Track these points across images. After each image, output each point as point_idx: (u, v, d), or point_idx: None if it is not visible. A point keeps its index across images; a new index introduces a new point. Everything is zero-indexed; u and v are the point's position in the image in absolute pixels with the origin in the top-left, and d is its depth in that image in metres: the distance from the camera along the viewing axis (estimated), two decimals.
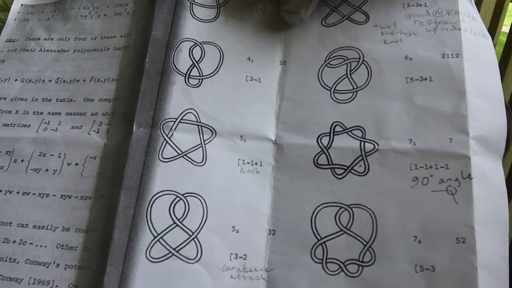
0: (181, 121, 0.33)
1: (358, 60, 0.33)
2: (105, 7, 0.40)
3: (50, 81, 0.38)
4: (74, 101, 0.37)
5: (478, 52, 0.32)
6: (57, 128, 0.36)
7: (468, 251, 0.28)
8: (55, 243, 0.32)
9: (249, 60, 0.36)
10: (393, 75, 0.32)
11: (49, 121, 0.36)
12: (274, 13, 0.37)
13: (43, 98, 0.37)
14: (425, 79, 0.31)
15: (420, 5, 0.34)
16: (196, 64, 0.35)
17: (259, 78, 0.35)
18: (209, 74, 0.35)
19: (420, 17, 0.34)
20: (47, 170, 0.35)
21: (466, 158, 0.29)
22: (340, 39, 0.35)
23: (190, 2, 0.37)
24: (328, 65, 0.34)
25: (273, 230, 0.32)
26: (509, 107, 0.57)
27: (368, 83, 0.32)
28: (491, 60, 0.32)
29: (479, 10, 2.03)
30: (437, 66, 0.31)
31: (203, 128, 0.33)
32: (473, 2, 0.35)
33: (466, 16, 0.34)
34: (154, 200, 0.31)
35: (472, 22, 0.34)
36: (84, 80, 0.38)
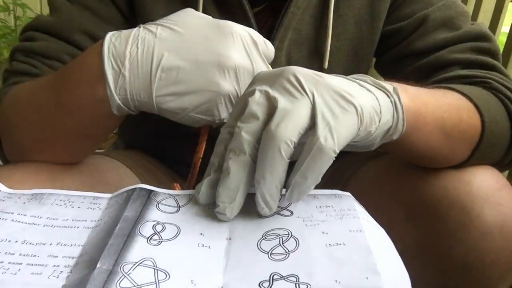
0: (140, 264, 0.38)
1: (288, 235, 0.43)
2: (80, 202, 0.49)
3: (16, 242, 0.42)
4: (38, 256, 0.41)
5: (375, 232, 0.44)
6: (16, 273, 0.38)
7: None
8: None
9: (201, 234, 0.44)
10: (315, 243, 0.42)
11: (8, 268, 0.39)
12: None
13: (5, 252, 0.41)
14: (340, 244, 0.41)
15: (328, 206, 0.47)
16: (158, 234, 0.43)
17: (209, 246, 0.43)
18: (168, 239, 0.42)
19: (329, 212, 0.46)
20: None
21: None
22: (273, 224, 0.45)
23: (157, 202, 0.47)
24: (264, 239, 0.43)
25: None
26: None
27: (297, 248, 0.41)
28: (389, 247, 0.43)
29: (479, 10, 1.67)
30: (346, 236, 0.42)
31: (158, 271, 0.38)
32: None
33: (362, 213, 0.46)
34: None
35: (367, 217, 0.46)
36: (50, 244, 0.42)
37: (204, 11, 0.64)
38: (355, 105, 0.41)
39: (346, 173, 0.75)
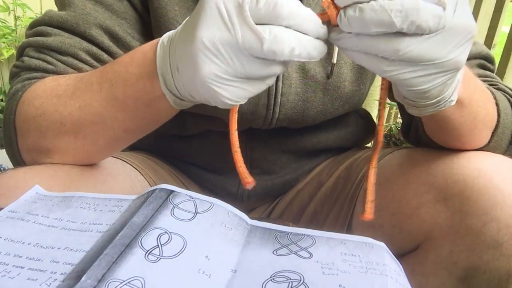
0: (127, 284, 0.35)
1: (299, 281, 0.37)
2: (104, 205, 0.47)
3: (29, 244, 0.42)
4: (41, 261, 0.40)
5: None
6: (14, 277, 0.38)
7: None
8: None
9: (207, 257, 0.39)
10: None
11: (10, 271, 0.39)
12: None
13: (14, 254, 0.41)
14: None
15: (354, 255, 0.41)
16: (159, 247, 0.39)
17: (210, 275, 0.38)
18: (168, 256, 0.38)
19: (354, 263, 0.40)
20: None
21: None
22: (286, 265, 0.40)
23: (173, 205, 0.44)
24: (272, 280, 0.38)
25: None
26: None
27: None
28: None
29: (479, 10, 1.65)
30: None
31: None
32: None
33: (392, 270, 0.39)
34: None
35: (397, 276, 0.39)
36: (58, 248, 0.41)
37: None
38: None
39: (365, 167, 0.76)
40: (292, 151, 0.81)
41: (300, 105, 0.73)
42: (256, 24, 0.40)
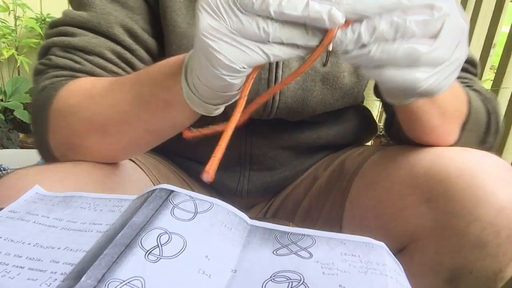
0: (127, 284, 0.35)
1: (299, 281, 0.37)
2: (104, 205, 0.47)
3: (29, 244, 0.42)
4: (42, 261, 0.40)
5: None
6: (14, 277, 0.38)
7: None
8: None
9: (207, 257, 0.39)
10: None
11: (10, 271, 0.39)
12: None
13: (14, 254, 0.41)
14: None
15: (354, 255, 0.41)
16: (159, 247, 0.39)
17: (210, 275, 0.38)
18: (168, 256, 0.38)
19: (354, 263, 0.40)
20: None
21: None
22: (286, 265, 0.40)
23: (173, 205, 0.44)
24: (272, 280, 0.38)
25: None
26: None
27: None
28: None
29: (479, 10, 1.70)
30: None
31: None
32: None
33: (392, 270, 0.39)
34: None
35: (397, 276, 0.39)
36: (59, 248, 0.41)
37: None
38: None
39: (356, 162, 0.77)
40: (292, 147, 0.82)
41: (300, 94, 0.73)
42: None
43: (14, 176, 0.54)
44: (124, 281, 0.35)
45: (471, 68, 0.78)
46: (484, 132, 0.71)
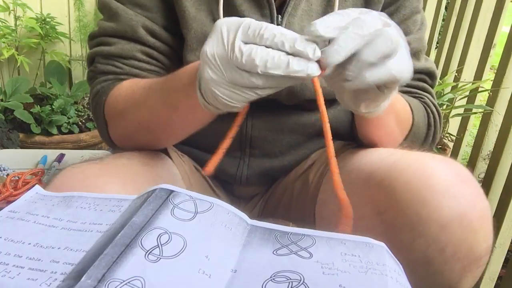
0: (127, 284, 0.35)
1: (299, 281, 0.37)
2: (104, 205, 0.47)
3: (29, 244, 0.42)
4: (42, 261, 0.40)
5: None
6: (14, 277, 0.38)
7: None
8: None
9: (207, 257, 0.39)
10: None
11: (10, 271, 0.39)
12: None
13: (15, 254, 0.41)
14: None
15: (354, 255, 0.41)
16: (159, 247, 0.39)
17: (210, 275, 0.38)
18: (168, 256, 0.38)
19: (354, 263, 0.40)
20: None
21: None
22: (286, 265, 0.40)
23: (173, 205, 0.44)
24: (272, 280, 0.38)
25: None
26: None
27: None
28: None
29: (479, 10, 1.77)
30: None
31: None
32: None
33: (392, 270, 0.40)
34: None
35: (397, 276, 0.39)
36: (59, 248, 0.41)
37: None
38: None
39: (325, 163, 0.81)
40: (291, 130, 0.83)
41: None
42: (247, 43, 0.49)
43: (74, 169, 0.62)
44: (124, 281, 0.35)
45: (429, 80, 0.84)
46: (421, 144, 0.79)
